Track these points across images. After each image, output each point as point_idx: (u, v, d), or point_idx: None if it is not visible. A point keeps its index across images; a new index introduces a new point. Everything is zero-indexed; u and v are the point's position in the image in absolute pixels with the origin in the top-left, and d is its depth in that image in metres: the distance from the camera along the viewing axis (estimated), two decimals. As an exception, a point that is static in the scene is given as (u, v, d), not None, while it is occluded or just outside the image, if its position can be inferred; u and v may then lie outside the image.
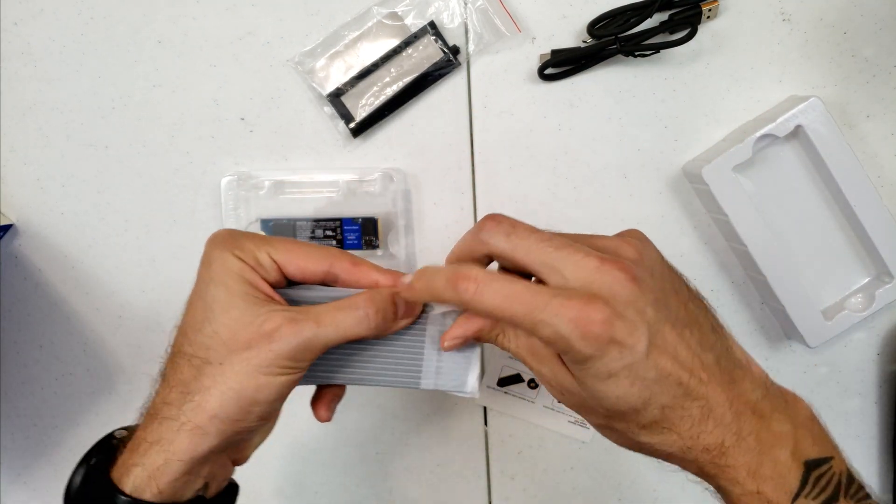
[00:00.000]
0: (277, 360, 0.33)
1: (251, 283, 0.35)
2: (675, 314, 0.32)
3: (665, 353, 0.31)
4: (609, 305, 0.30)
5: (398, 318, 0.37)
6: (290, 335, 0.33)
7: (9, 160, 0.54)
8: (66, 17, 0.52)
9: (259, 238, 0.36)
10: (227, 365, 0.33)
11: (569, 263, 0.31)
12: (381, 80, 0.52)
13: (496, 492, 0.57)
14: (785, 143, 0.50)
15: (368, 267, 0.37)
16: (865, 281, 0.52)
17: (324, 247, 0.37)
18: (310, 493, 0.58)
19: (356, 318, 0.35)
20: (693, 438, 0.32)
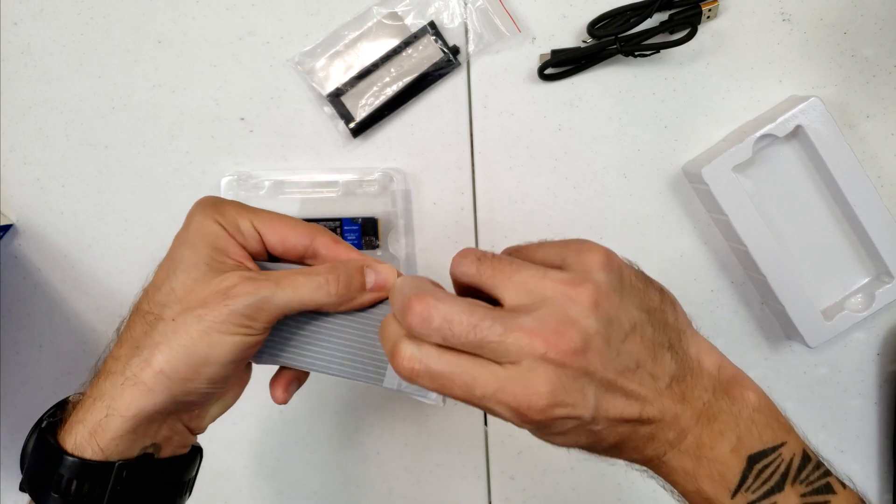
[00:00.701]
0: (232, 317, 0.33)
1: (223, 249, 0.34)
2: (629, 358, 0.31)
3: (614, 403, 0.31)
4: (550, 389, 0.29)
5: (364, 290, 0.36)
6: (246, 293, 0.33)
7: (9, 160, 0.54)
8: (66, 17, 0.52)
9: (243, 206, 0.36)
10: (179, 321, 0.33)
11: (511, 340, 0.30)
12: (381, 80, 0.52)
13: (496, 492, 0.57)
14: (785, 143, 0.50)
15: (349, 247, 0.37)
16: (865, 281, 0.52)
17: (308, 222, 0.37)
18: (310, 493, 0.58)
19: (316, 283, 0.34)
20: (638, 452, 0.33)
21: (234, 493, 0.58)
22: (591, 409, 0.30)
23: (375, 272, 0.36)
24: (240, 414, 0.56)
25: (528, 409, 0.30)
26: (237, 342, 0.33)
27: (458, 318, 0.30)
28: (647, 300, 0.34)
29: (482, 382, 0.30)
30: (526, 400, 0.29)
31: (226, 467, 0.57)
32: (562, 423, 0.30)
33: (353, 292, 0.36)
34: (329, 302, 0.35)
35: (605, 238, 0.54)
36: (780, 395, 0.56)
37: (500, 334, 0.30)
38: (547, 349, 0.29)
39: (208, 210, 0.35)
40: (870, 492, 0.56)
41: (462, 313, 0.30)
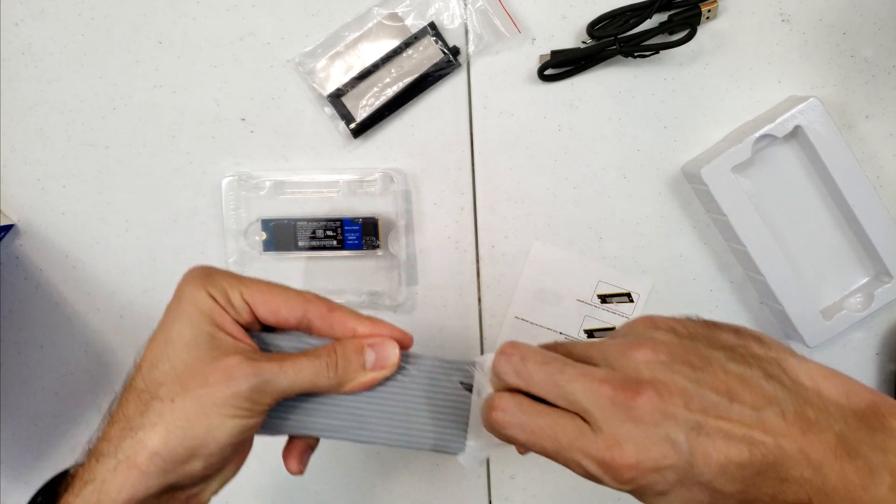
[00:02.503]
0: (232, 400, 0.31)
1: (219, 324, 0.33)
2: (716, 394, 0.29)
3: (714, 446, 0.28)
4: (635, 440, 0.28)
5: (364, 370, 0.35)
6: (248, 374, 0.32)
7: (9, 160, 0.54)
8: (67, 17, 0.52)
9: (234, 277, 0.35)
10: (178, 401, 0.31)
11: (585, 396, 0.30)
12: (381, 80, 0.52)
13: (496, 492, 0.57)
14: (784, 143, 0.51)
15: (345, 314, 0.36)
16: (864, 281, 0.52)
17: (301, 291, 0.35)
18: (310, 493, 0.58)
19: (316, 368, 0.33)
20: (774, 498, 0.29)
21: (235, 493, 0.58)
22: (686, 454, 0.28)
23: (376, 351, 0.35)
24: (240, 414, 0.56)
25: (617, 464, 0.28)
26: (237, 425, 0.32)
27: (535, 356, 0.32)
28: (718, 340, 0.32)
29: (569, 433, 0.30)
30: (611, 453, 0.28)
31: (226, 467, 0.57)
32: (660, 478, 0.28)
33: (352, 374, 0.35)
34: (328, 385, 0.34)
35: (604, 238, 0.54)
36: (780, 394, 0.56)
37: (570, 378, 0.30)
38: (615, 394, 0.29)
39: (200, 282, 0.34)
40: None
41: (537, 353, 0.32)
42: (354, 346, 0.35)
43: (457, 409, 0.37)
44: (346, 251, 0.53)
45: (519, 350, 0.32)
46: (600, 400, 0.29)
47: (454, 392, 0.37)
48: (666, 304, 0.54)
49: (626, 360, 0.31)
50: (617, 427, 0.29)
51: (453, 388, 0.37)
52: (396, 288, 0.54)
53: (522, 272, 0.54)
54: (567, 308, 0.54)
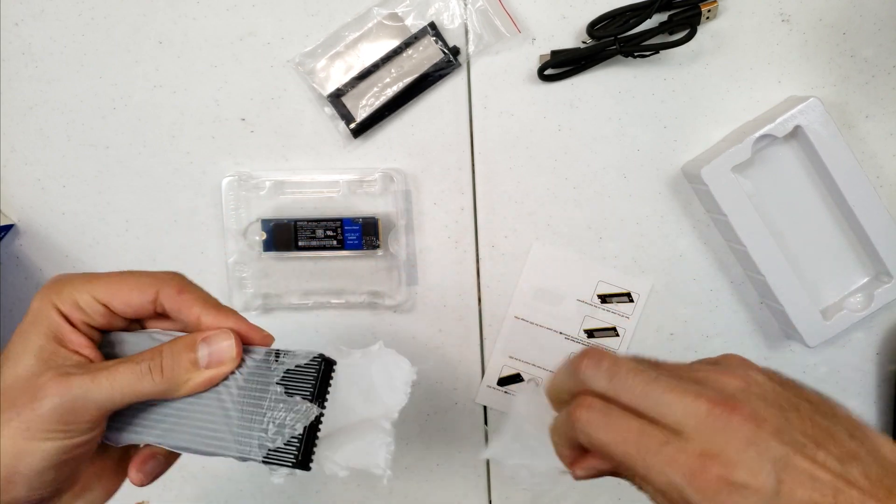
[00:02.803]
0: (41, 423, 0.29)
1: (56, 336, 0.31)
2: (803, 436, 0.29)
3: (800, 483, 0.28)
4: (726, 454, 0.28)
5: (198, 369, 0.31)
6: (55, 393, 0.29)
7: (10, 160, 0.54)
8: (67, 17, 0.52)
9: (84, 278, 0.32)
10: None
11: (679, 408, 0.29)
12: (381, 80, 0.52)
13: (496, 492, 0.57)
14: (784, 143, 0.51)
15: (193, 298, 0.33)
16: (864, 281, 0.52)
17: (156, 273, 0.33)
18: (310, 493, 0.58)
19: (136, 374, 0.30)
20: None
21: (235, 492, 0.58)
22: (773, 483, 0.28)
23: (209, 345, 0.31)
24: (240, 414, 0.56)
25: (707, 474, 0.28)
26: (53, 447, 0.30)
27: (627, 364, 0.31)
28: (805, 394, 0.32)
29: (657, 438, 0.29)
30: (702, 462, 0.28)
31: (226, 467, 0.57)
32: (742, 499, 0.28)
33: (184, 374, 0.31)
34: (158, 390, 0.31)
35: (604, 238, 0.54)
36: (780, 394, 0.56)
37: (665, 389, 0.30)
38: (711, 408, 0.29)
39: (45, 293, 0.32)
40: (869, 491, 0.56)
41: (630, 361, 0.31)
42: (185, 342, 0.31)
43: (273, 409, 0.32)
44: (346, 251, 0.53)
45: (610, 357, 0.32)
46: (696, 412, 0.29)
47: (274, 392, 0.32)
48: (666, 304, 0.54)
49: (720, 383, 0.31)
50: (711, 439, 0.28)
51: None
52: (396, 288, 0.54)
53: (522, 272, 0.54)
54: (567, 308, 0.54)
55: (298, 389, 0.32)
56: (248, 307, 0.54)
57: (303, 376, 0.32)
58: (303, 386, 0.32)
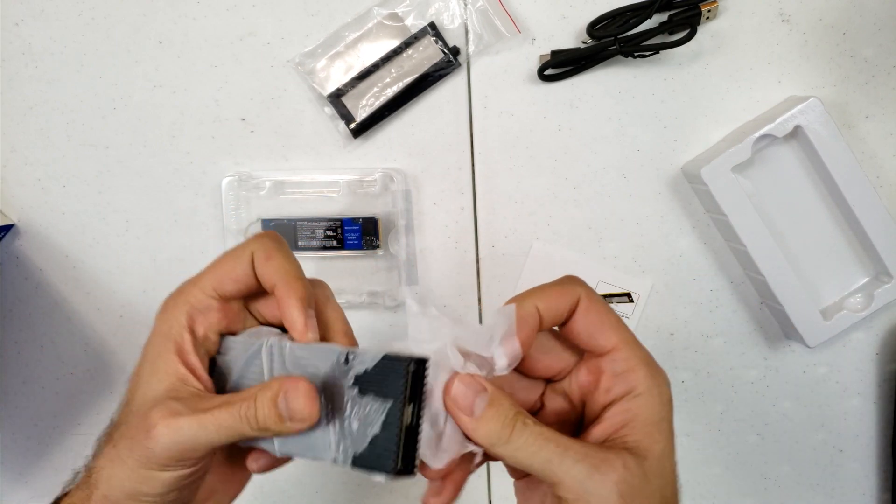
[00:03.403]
0: (156, 459, 0.30)
1: (180, 353, 0.32)
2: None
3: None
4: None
5: (284, 421, 0.31)
6: (165, 435, 0.30)
7: (10, 160, 0.54)
8: (67, 17, 0.52)
9: (193, 281, 0.34)
10: (119, 448, 0.31)
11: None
12: (381, 80, 0.52)
13: (496, 492, 0.57)
14: (784, 143, 0.51)
15: (275, 268, 0.33)
16: (864, 281, 0.52)
17: (247, 242, 0.33)
18: (310, 493, 0.58)
19: (235, 419, 0.31)
20: None
21: (235, 492, 0.58)
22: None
23: (286, 401, 0.31)
24: (240, 414, 0.56)
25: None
26: (171, 477, 0.31)
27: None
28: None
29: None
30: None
31: (226, 467, 0.58)
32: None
33: (273, 426, 0.31)
34: (256, 435, 0.31)
35: (604, 238, 0.54)
36: (780, 394, 0.56)
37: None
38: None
39: (170, 307, 0.33)
40: (869, 491, 0.56)
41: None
42: (271, 394, 0.31)
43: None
44: (346, 251, 0.53)
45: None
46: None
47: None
48: (666, 304, 0.54)
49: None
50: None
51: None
52: (396, 288, 0.54)
53: (522, 272, 0.54)
54: (567, 308, 0.54)
55: (389, 390, 0.30)
56: (248, 307, 0.54)
57: (392, 376, 0.30)
58: (393, 387, 0.30)
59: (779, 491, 0.56)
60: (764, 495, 0.57)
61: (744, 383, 0.55)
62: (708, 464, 0.57)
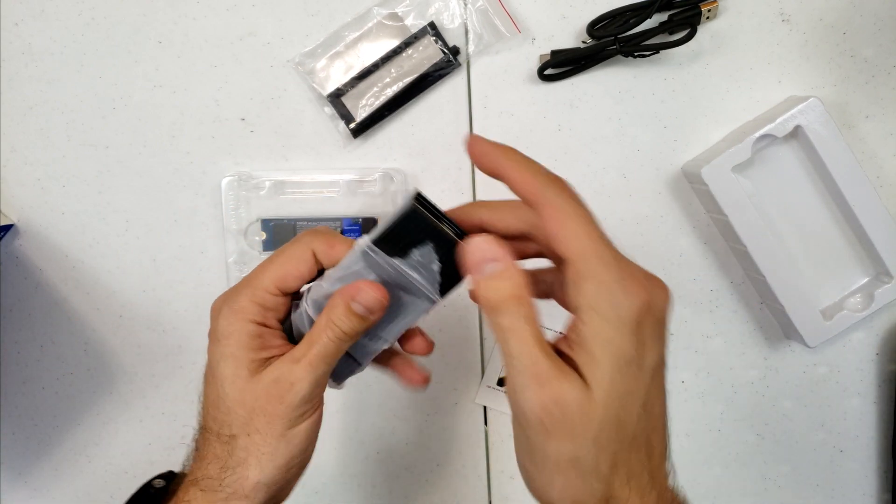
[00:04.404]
0: (295, 411, 0.34)
1: (257, 345, 0.35)
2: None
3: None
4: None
5: (361, 315, 0.35)
6: (304, 380, 0.34)
7: (10, 160, 0.54)
8: (67, 17, 0.52)
9: (248, 282, 0.35)
10: (254, 435, 0.34)
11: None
12: (381, 80, 0.52)
13: (496, 492, 0.57)
14: (784, 143, 0.51)
15: (345, 245, 0.36)
16: (864, 281, 0.52)
17: (300, 238, 0.36)
18: (310, 493, 0.58)
19: (334, 342, 0.34)
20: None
21: (235, 492, 0.58)
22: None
23: (358, 301, 0.34)
24: (240, 414, 0.56)
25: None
26: (309, 426, 0.35)
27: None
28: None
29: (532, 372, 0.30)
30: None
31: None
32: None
33: (361, 326, 0.35)
34: (350, 338, 0.35)
35: (604, 238, 0.54)
36: (780, 394, 0.56)
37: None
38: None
39: (228, 311, 0.35)
40: (869, 491, 0.56)
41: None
42: (342, 309, 0.35)
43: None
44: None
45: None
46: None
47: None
48: (666, 304, 0.54)
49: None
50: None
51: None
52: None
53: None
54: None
55: (421, 233, 0.34)
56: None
57: (412, 222, 0.34)
58: (420, 227, 0.34)
59: (779, 491, 0.56)
60: (764, 495, 0.57)
61: (744, 383, 0.55)
62: (708, 464, 0.57)
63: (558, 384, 0.28)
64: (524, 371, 0.29)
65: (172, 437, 0.56)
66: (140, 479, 0.39)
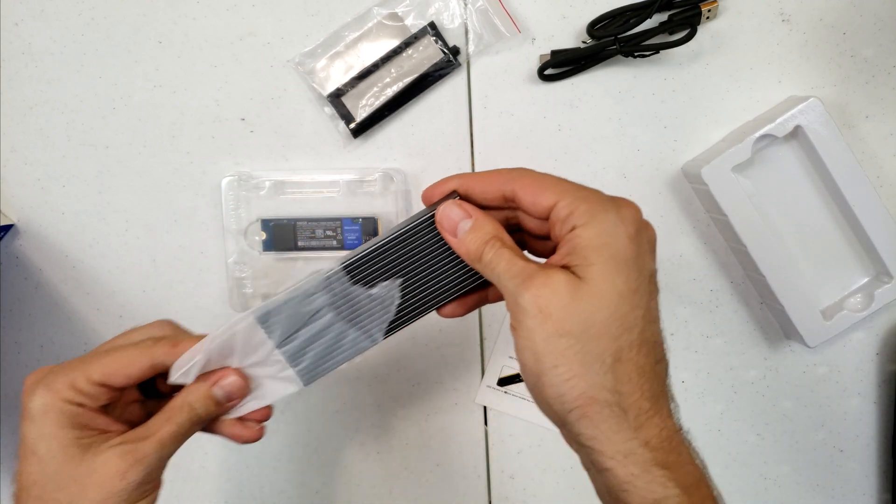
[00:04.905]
0: (137, 489, 0.33)
1: (79, 424, 0.34)
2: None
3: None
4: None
5: (225, 404, 0.36)
6: (140, 464, 0.33)
7: (10, 160, 0.54)
8: (67, 17, 0.52)
9: (73, 366, 0.35)
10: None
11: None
12: (381, 80, 0.52)
13: (496, 492, 0.57)
14: (784, 143, 0.51)
15: (190, 342, 0.36)
16: (864, 281, 0.52)
17: (143, 341, 0.36)
18: (310, 493, 0.58)
19: (185, 424, 0.35)
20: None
21: (235, 492, 0.58)
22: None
23: (220, 387, 0.36)
24: (240, 414, 0.56)
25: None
26: (148, 503, 0.35)
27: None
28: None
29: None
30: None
31: (226, 467, 0.57)
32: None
33: (217, 410, 0.36)
34: (223, 408, 0.36)
35: (604, 238, 0.54)
36: (780, 394, 0.56)
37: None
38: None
39: (44, 391, 0.34)
40: (869, 491, 0.56)
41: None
42: (203, 392, 0.36)
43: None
44: (345, 251, 0.53)
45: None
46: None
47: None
48: (666, 303, 0.54)
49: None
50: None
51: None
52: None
53: (522, 272, 0.54)
54: (567, 308, 0.54)
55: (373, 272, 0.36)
56: (247, 307, 0.54)
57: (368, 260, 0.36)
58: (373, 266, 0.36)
59: (779, 491, 0.56)
60: (764, 495, 0.57)
61: (744, 383, 0.55)
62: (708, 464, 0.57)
63: (546, 274, 0.31)
64: (514, 278, 0.31)
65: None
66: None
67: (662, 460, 0.30)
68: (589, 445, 0.31)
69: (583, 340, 0.30)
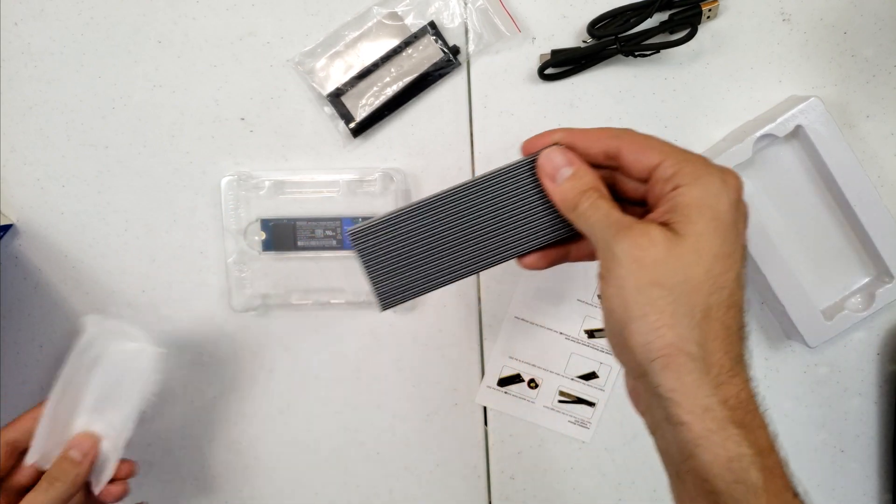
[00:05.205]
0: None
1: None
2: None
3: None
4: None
5: (83, 462, 0.44)
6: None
7: (9, 160, 0.54)
8: (67, 17, 0.52)
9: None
10: None
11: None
12: (381, 80, 0.52)
13: (496, 492, 0.57)
14: (785, 143, 0.50)
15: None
16: (865, 281, 0.52)
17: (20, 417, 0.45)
18: (310, 493, 0.58)
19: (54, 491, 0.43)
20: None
21: (234, 493, 0.58)
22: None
23: (74, 447, 0.44)
24: (239, 414, 0.56)
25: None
26: None
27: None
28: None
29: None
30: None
31: (224, 468, 0.57)
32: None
33: (82, 471, 0.44)
34: (83, 466, 0.44)
35: (605, 238, 0.54)
36: (780, 394, 0.56)
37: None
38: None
39: None
40: (870, 492, 0.56)
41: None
42: (65, 461, 0.44)
43: None
44: (345, 251, 0.53)
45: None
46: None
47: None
48: (666, 304, 0.54)
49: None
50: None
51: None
52: (396, 288, 0.54)
53: (522, 272, 0.54)
54: (567, 308, 0.54)
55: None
56: (247, 307, 0.54)
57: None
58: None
59: (779, 491, 0.56)
60: (765, 496, 0.57)
61: (744, 383, 0.55)
62: (708, 464, 0.56)
63: (644, 226, 0.32)
64: (610, 226, 0.33)
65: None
66: (139, 478, 0.39)
67: (739, 420, 0.31)
68: (668, 397, 0.31)
69: (675, 293, 0.31)
